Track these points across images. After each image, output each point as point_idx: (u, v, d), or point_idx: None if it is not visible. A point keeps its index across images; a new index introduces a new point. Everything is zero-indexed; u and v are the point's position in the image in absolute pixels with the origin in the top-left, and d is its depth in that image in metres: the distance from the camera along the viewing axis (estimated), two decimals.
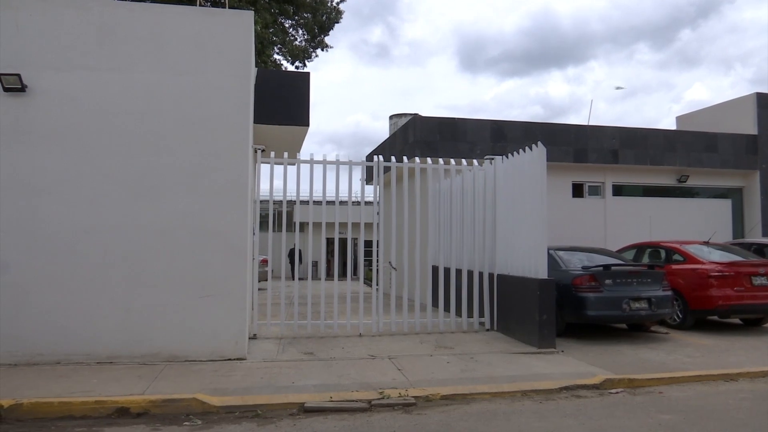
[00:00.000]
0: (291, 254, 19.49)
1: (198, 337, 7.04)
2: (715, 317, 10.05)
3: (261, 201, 9.20)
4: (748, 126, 15.88)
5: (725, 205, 16.01)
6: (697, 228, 14.37)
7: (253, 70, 8.00)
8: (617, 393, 6.12)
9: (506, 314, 9.04)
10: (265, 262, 15.71)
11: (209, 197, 7.20)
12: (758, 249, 11.69)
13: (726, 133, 15.69)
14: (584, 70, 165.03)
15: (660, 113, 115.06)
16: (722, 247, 10.98)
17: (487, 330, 9.40)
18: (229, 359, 7.04)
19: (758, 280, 9.67)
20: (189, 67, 7.31)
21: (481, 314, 9.56)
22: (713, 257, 10.18)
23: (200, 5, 9.62)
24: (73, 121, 6.99)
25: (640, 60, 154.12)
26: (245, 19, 7.62)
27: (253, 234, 8.59)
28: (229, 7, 10.11)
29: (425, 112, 26.49)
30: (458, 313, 9.60)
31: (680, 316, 9.92)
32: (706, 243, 10.93)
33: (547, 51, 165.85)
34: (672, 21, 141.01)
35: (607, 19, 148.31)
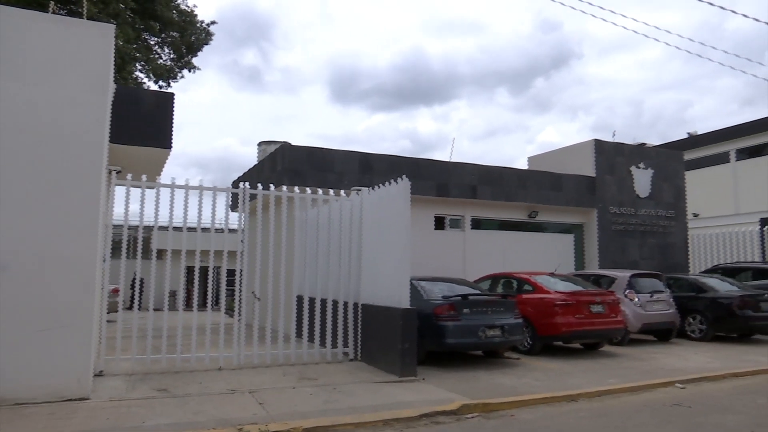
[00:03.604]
0: (133, 284, 18.71)
1: (32, 376, 6.28)
2: (560, 343, 10.90)
3: (114, 226, 8.60)
4: (588, 168, 17.63)
5: (568, 240, 17.55)
6: (545, 260, 15.58)
7: (112, 86, 7.52)
8: (473, 418, 6.38)
9: (370, 344, 9.12)
10: (116, 291, 14.60)
11: (56, 220, 6.55)
12: (595, 280, 12.92)
13: (570, 174, 17.28)
14: (450, 108, 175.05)
15: (517, 153, 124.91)
16: (566, 278, 11.98)
17: (351, 360, 9.41)
18: (70, 399, 6.36)
19: (596, 308, 10.65)
20: (40, 78, 6.68)
21: (345, 344, 9.56)
22: (558, 287, 11.05)
23: (54, 13, 8.91)
24: None
25: (500, 102, 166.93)
26: (105, 32, 7.17)
27: (104, 261, 7.97)
28: (88, 18, 9.47)
29: (296, 141, 26.28)
30: (323, 343, 9.52)
31: (530, 342, 10.58)
32: (552, 274, 11.87)
33: (416, 88, 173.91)
34: (529, 69, 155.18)
35: (474, 63, 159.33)
